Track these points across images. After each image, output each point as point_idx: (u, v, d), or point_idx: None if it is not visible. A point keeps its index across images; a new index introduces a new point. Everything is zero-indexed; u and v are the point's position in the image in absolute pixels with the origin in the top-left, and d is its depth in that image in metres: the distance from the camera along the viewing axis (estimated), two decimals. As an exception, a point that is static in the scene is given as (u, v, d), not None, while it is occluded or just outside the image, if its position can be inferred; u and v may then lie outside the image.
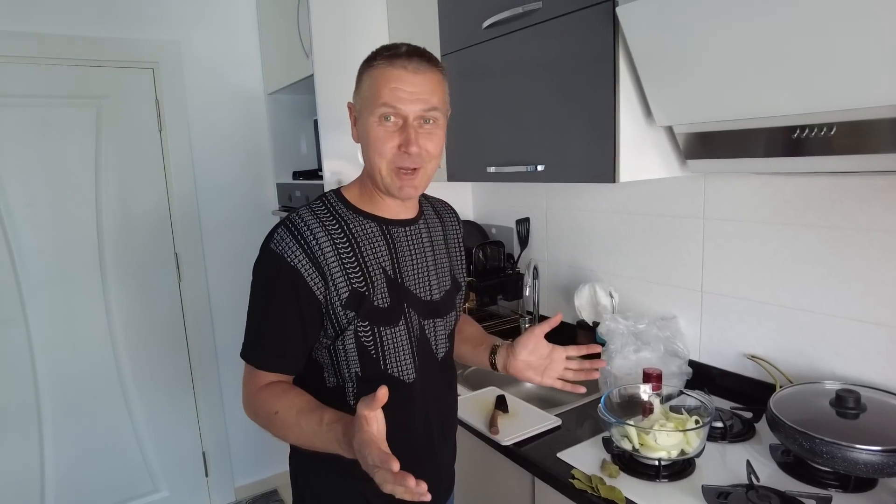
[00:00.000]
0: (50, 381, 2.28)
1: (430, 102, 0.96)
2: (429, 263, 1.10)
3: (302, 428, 0.92)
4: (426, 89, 0.95)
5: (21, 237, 2.17)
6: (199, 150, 2.47)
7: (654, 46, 1.16)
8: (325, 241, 0.97)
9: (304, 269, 0.95)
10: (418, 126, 0.96)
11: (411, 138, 0.95)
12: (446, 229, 1.19)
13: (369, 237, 1.02)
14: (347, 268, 0.98)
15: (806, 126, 1.05)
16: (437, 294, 1.11)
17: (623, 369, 1.52)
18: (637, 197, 1.74)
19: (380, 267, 1.02)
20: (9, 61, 2.08)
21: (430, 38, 1.88)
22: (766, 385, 1.43)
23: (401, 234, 1.06)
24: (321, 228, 0.98)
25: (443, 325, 1.12)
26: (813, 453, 1.05)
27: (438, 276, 1.12)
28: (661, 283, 1.70)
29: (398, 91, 0.93)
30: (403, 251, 1.06)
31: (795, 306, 1.38)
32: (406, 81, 0.94)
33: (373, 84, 0.95)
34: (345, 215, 1.02)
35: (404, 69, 0.94)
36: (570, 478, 1.17)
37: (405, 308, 1.05)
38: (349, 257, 0.99)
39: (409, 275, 1.06)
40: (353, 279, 0.98)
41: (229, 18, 2.47)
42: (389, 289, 1.02)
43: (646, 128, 1.34)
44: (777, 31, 0.96)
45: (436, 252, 1.13)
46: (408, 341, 1.05)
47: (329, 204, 1.04)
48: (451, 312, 1.15)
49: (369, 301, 0.99)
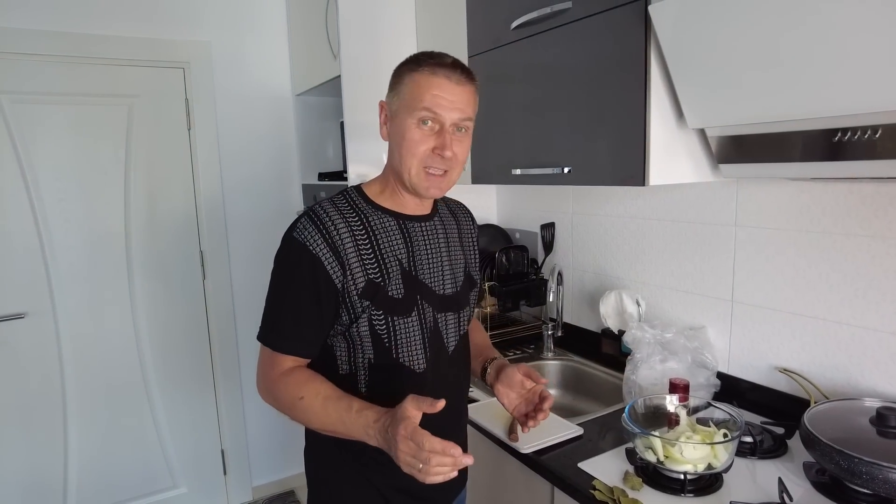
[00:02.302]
0: (75, 374, 2.31)
1: (466, 112, 1.03)
2: (443, 259, 1.14)
3: (329, 414, 0.97)
4: (464, 100, 1.02)
5: (52, 232, 2.22)
6: (226, 149, 2.50)
7: (686, 45, 1.13)
8: (345, 231, 1.02)
9: (324, 257, 1.00)
10: (452, 132, 1.02)
11: (447, 143, 1.01)
12: (461, 228, 1.23)
13: (387, 230, 1.07)
14: (364, 258, 1.02)
15: (848, 129, 1.00)
16: (451, 289, 1.15)
17: (648, 379, 1.48)
18: (667, 202, 1.70)
19: (395, 259, 1.06)
20: (46, 60, 2.13)
21: (458, 40, 1.87)
22: (799, 400, 1.37)
23: (416, 229, 1.11)
24: (342, 219, 1.03)
25: (455, 320, 1.16)
26: (851, 473, 1.00)
27: (453, 271, 1.16)
28: (689, 291, 1.65)
29: (440, 98, 1.00)
30: (419, 245, 1.10)
31: (833, 319, 1.32)
32: (448, 91, 1.00)
33: (415, 88, 1.01)
34: (364, 209, 1.07)
35: (447, 79, 1.00)
36: (591, 489, 1.13)
37: (418, 300, 1.08)
38: (367, 248, 1.03)
39: (424, 268, 1.10)
40: (370, 269, 1.03)
41: (259, 19, 2.50)
42: (404, 280, 1.06)
43: (677, 130, 1.30)
44: (817, 26, 0.92)
45: (450, 248, 1.17)
46: (420, 332, 1.08)
47: (350, 198, 1.09)
48: (465, 308, 1.19)
49: (384, 291, 1.04)
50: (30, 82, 2.12)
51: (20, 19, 2.07)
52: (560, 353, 1.97)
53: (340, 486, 1.13)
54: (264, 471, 2.78)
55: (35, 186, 2.17)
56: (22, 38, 2.08)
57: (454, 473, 0.86)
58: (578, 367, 1.89)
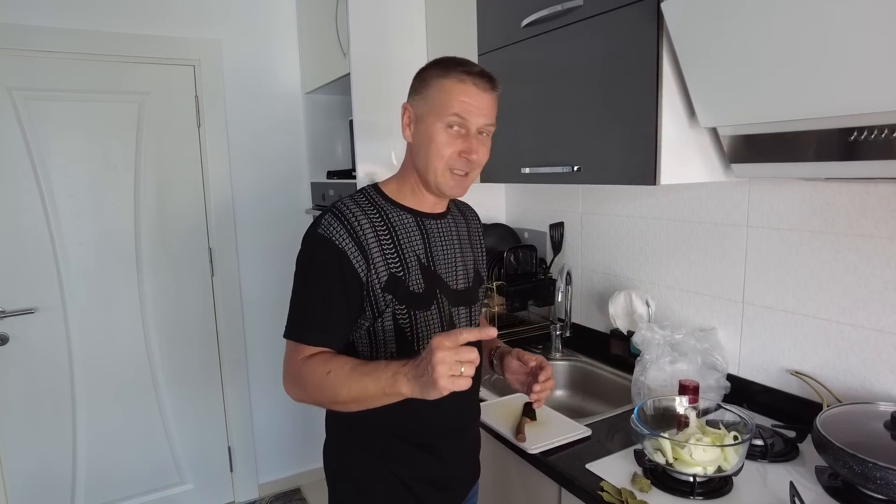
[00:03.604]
0: (84, 369, 2.32)
1: (490, 118, 1.08)
2: (456, 254, 1.19)
3: (357, 378, 0.95)
4: (490, 106, 1.08)
5: (63, 228, 2.23)
6: (236, 146, 2.51)
7: (699, 42, 1.12)
8: (368, 226, 1.06)
9: (349, 251, 1.03)
10: (476, 136, 1.08)
11: (473, 146, 1.07)
12: (469, 226, 1.28)
13: (406, 227, 1.11)
14: (387, 253, 1.07)
15: (864, 128, 0.98)
16: (464, 284, 1.20)
17: (658, 381, 1.46)
18: (678, 202, 1.68)
19: (414, 254, 1.10)
20: (59, 57, 2.15)
21: (468, 38, 1.86)
22: (811, 403, 1.35)
23: (433, 225, 1.16)
24: (364, 215, 1.07)
25: (468, 314, 1.21)
26: (865, 478, 0.98)
27: (465, 267, 1.21)
28: (700, 292, 1.64)
29: (468, 105, 1.05)
30: (435, 241, 1.15)
31: (847, 322, 1.30)
32: (476, 97, 1.05)
33: (445, 94, 1.05)
34: (384, 206, 1.12)
35: (476, 87, 1.05)
36: (598, 490, 1.12)
37: (437, 294, 1.13)
38: (388, 243, 1.08)
39: (441, 263, 1.15)
40: (392, 264, 1.07)
41: (270, 17, 2.50)
42: (423, 275, 1.11)
43: (689, 129, 1.29)
44: (833, 23, 0.90)
45: (462, 245, 1.22)
46: (439, 325, 1.13)
47: (369, 196, 1.13)
48: (476, 303, 1.24)
49: (405, 285, 1.08)
50: (42, 79, 2.14)
51: (34, 17, 2.09)
52: (568, 353, 1.96)
53: (364, 480, 1.15)
54: (271, 468, 2.78)
55: (46, 182, 2.18)
56: (35, 35, 2.09)
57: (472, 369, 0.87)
58: (587, 368, 1.88)
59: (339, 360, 1.01)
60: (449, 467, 1.19)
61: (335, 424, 1.20)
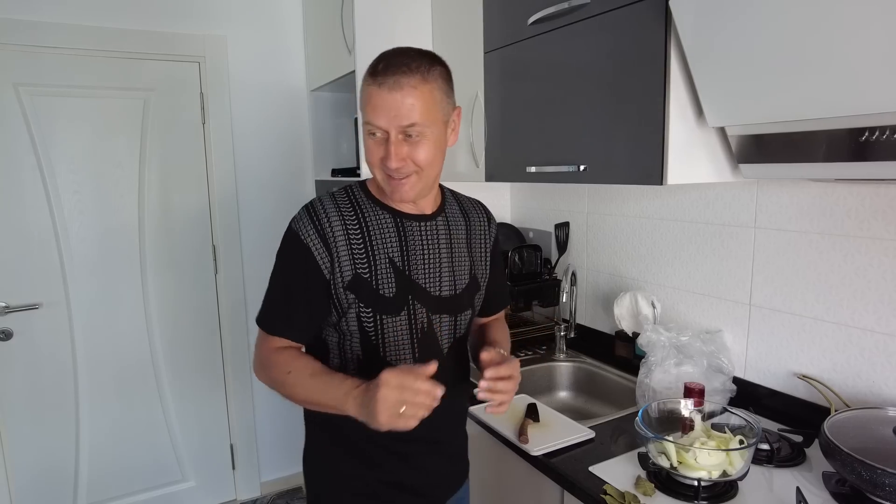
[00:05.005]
0: (88, 365, 2.32)
1: (410, 118, 0.96)
2: (443, 260, 1.12)
3: (314, 385, 0.99)
4: (404, 105, 0.95)
5: (67, 224, 2.23)
6: (240, 144, 2.50)
7: (707, 40, 1.10)
8: (338, 223, 1.03)
9: (313, 246, 1.02)
10: (403, 139, 0.98)
11: (390, 153, 0.97)
12: (471, 228, 1.20)
13: (382, 227, 1.07)
14: (355, 252, 1.03)
15: (876, 128, 0.96)
16: (449, 291, 1.12)
17: (663, 383, 1.45)
18: (684, 203, 1.66)
19: (387, 256, 1.06)
20: (65, 54, 2.15)
21: (475, 35, 1.85)
22: (818, 408, 1.33)
23: (414, 228, 1.09)
24: (336, 212, 1.05)
25: (451, 322, 1.14)
26: (873, 485, 0.96)
27: (454, 273, 1.13)
28: (706, 294, 1.62)
29: (377, 109, 0.96)
30: (415, 245, 1.09)
31: (856, 325, 1.29)
32: (382, 99, 0.95)
33: (362, 99, 1.00)
34: (363, 204, 1.08)
35: (380, 87, 0.95)
36: (601, 493, 1.11)
37: (410, 300, 1.07)
38: (358, 242, 1.04)
39: (419, 268, 1.08)
40: (359, 263, 1.03)
41: (275, 14, 2.49)
42: (396, 279, 1.06)
43: (696, 129, 1.27)
44: (844, 20, 0.89)
45: (454, 249, 1.14)
46: (408, 333, 1.08)
47: (351, 193, 1.10)
48: (464, 311, 1.16)
49: (372, 287, 1.04)
50: (48, 75, 2.14)
51: (40, 12, 2.09)
52: (573, 354, 1.95)
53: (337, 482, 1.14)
54: (273, 467, 2.77)
55: (51, 178, 2.18)
56: (41, 31, 2.09)
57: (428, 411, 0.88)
58: (591, 370, 1.86)
59: (301, 363, 1.02)
60: (425, 475, 1.16)
61: (312, 425, 1.19)
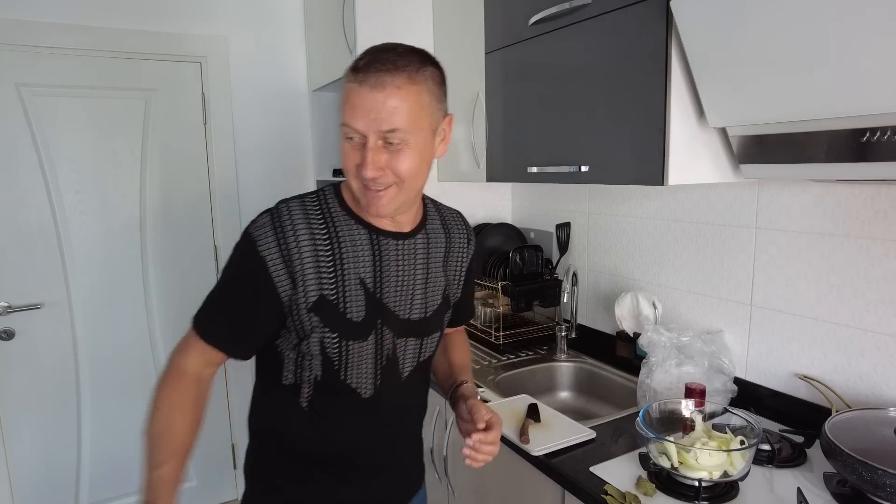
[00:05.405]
0: (90, 364, 2.33)
1: (392, 123, 0.84)
2: (417, 281, 1.03)
3: (150, 451, 0.96)
4: (387, 107, 0.84)
5: (69, 223, 2.23)
6: (241, 144, 2.50)
7: (709, 41, 1.10)
8: (306, 238, 0.92)
9: (272, 264, 0.91)
10: (382, 145, 0.86)
11: (367, 160, 0.86)
12: (451, 243, 1.10)
13: (355, 245, 0.95)
14: (323, 272, 0.92)
15: (878, 128, 0.96)
16: (419, 314, 1.04)
17: (663, 384, 1.45)
18: (686, 203, 1.66)
19: (358, 278, 0.95)
20: (66, 54, 2.15)
21: (476, 35, 1.85)
22: (819, 408, 1.33)
23: (391, 247, 0.99)
24: (305, 225, 0.93)
25: (416, 346, 1.06)
26: (874, 486, 0.96)
27: (427, 294, 1.05)
28: (707, 294, 1.62)
29: (356, 109, 0.85)
30: (390, 266, 0.99)
31: (857, 326, 1.28)
32: (363, 98, 0.84)
33: (341, 97, 0.88)
34: (336, 216, 0.96)
35: (361, 84, 0.84)
36: (602, 493, 1.11)
37: (378, 325, 0.99)
38: (327, 261, 0.93)
39: (391, 291, 0.99)
40: (326, 284, 0.93)
41: (276, 14, 2.49)
42: (367, 303, 0.97)
43: (698, 129, 1.27)
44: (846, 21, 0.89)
45: (430, 269, 1.05)
46: (373, 358, 1.00)
47: (324, 201, 0.97)
48: (432, 333, 1.08)
49: (338, 311, 0.94)
50: (50, 75, 2.14)
51: (42, 13, 2.09)
52: (573, 355, 1.95)
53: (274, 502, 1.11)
54: (274, 466, 2.78)
55: (53, 178, 2.19)
56: (43, 32, 2.09)
57: None
58: (592, 370, 1.86)
59: (178, 418, 0.98)
60: (367, 496, 1.09)
61: (257, 438, 1.14)
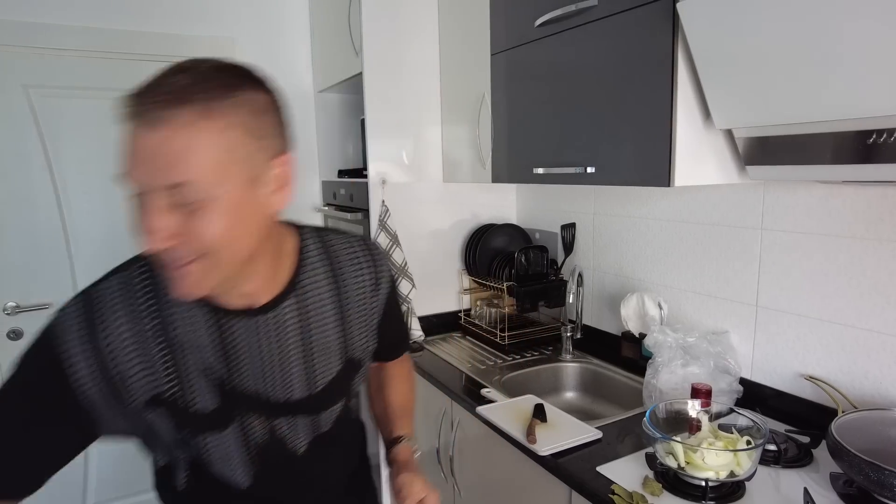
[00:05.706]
0: (97, 364, 2.34)
1: (177, 175, 0.62)
2: (291, 359, 0.83)
3: None
4: (168, 152, 0.62)
5: (76, 224, 2.25)
6: (248, 145, 2.51)
7: (715, 43, 1.11)
8: (127, 331, 0.73)
9: (75, 368, 0.71)
10: (168, 206, 0.64)
11: (148, 223, 0.64)
12: (345, 295, 0.89)
13: (194, 330, 0.76)
14: (154, 366, 0.75)
15: (884, 130, 0.97)
16: (303, 392, 0.85)
17: (669, 384, 1.45)
18: (691, 205, 1.67)
19: (198, 369, 0.77)
20: (73, 56, 2.16)
21: (481, 37, 1.85)
22: (825, 409, 1.34)
23: (239, 329, 0.78)
24: (127, 310, 0.74)
25: (308, 422, 0.88)
26: (881, 486, 0.97)
27: (311, 368, 0.86)
28: (713, 295, 1.62)
29: (128, 156, 0.64)
30: (240, 349, 0.79)
31: (863, 327, 1.29)
32: (137, 140, 0.63)
33: None
34: (170, 294, 0.74)
35: (134, 121, 0.63)
36: (609, 493, 1.11)
37: (237, 413, 0.81)
38: (158, 352, 0.75)
39: (250, 377, 0.80)
40: (159, 381, 0.75)
41: (282, 16, 2.50)
42: (217, 392, 0.79)
43: (703, 131, 1.27)
44: (852, 22, 0.89)
45: (312, 339, 0.85)
46: (240, 448, 0.83)
47: (154, 276, 0.76)
48: (331, 406, 0.90)
49: (178, 407, 0.77)
50: (58, 76, 2.15)
51: (49, 15, 2.10)
52: (579, 355, 1.95)
53: None
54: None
55: (61, 179, 2.20)
56: (51, 33, 2.11)
57: None
58: (598, 370, 1.87)
59: None
60: None
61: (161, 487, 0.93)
